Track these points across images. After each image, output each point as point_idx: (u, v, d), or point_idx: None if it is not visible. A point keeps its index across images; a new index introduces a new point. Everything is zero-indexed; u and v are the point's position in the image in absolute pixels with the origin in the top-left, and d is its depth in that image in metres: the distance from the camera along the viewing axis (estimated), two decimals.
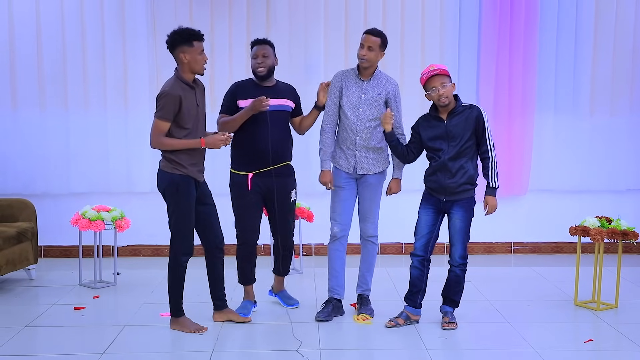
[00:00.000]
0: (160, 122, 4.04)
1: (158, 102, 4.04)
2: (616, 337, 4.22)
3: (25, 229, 5.37)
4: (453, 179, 4.22)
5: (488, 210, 4.31)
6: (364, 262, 4.65)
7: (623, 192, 6.50)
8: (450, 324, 4.32)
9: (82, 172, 6.23)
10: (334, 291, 4.58)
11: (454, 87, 4.26)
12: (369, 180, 4.51)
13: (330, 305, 4.55)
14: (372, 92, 4.43)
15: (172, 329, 4.29)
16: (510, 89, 6.30)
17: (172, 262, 4.24)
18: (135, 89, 6.19)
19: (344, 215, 4.51)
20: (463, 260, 4.33)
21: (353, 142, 4.44)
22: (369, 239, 4.59)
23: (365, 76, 4.45)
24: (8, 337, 4.17)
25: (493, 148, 4.26)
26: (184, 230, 4.18)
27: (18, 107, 6.15)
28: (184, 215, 4.15)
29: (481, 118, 4.23)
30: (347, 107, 4.44)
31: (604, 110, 6.39)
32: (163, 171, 4.14)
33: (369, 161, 4.47)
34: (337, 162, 4.54)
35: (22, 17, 6.08)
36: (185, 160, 4.10)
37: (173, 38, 4.06)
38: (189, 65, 4.07)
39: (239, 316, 4.44)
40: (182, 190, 4.10)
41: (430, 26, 6.23)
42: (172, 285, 4.27)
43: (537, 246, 6.58)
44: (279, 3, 6.15)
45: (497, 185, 4.29)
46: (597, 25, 6.29)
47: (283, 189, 4.49)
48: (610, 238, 4.61)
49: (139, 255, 6.43)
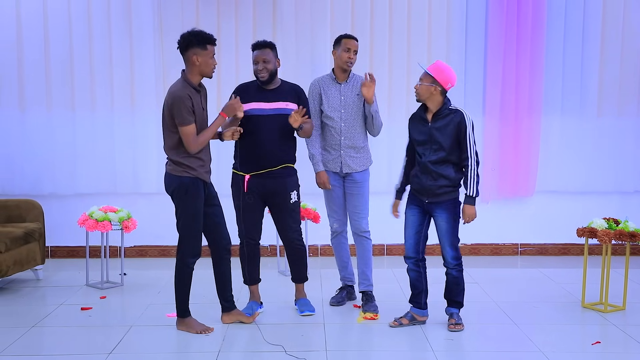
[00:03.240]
0: (188, 127, 4.03)
1: (175, 110, 4.01)
2: (624, 339, 4.21)
3: (33, 230, 5.39)
4: (434, 181, 4.19)
5: (465, 220, 4.23)
6: (360, 258, 4.74)
7: (631, 193, 6.47)
8: (457, 325, 4.30)
9: (89, 172, 6.25)
10: (347, 279, 4.90)
11: (434, 90, 4.13)
12: (355, 178, 4.71)
13: (344, 292, 4.89)
14: (351, 93, 4.67)
15: (179, 330, 4.29)
16: (517, 90, 6.28)
17: (179, 264, 4.25)
18: (142, 90, 6.20)
19: (339, 211, 4.78)
20: (456, 261, 4.29)
21: (338, 142, 4.66)
22: (362, 235, 4.73)
23: (342, 79, 4.69)
24: (15, 337, 4.18)
25: (475, 156, 4.16)
26: (193, 232, 4.18)
27: (25, 108, 6.17)
28: (192, 217, 4.15)
29: (463, 124, 4.14)
30: (329, 111, 4.66)
31: (611, 112, 6.36)
32: (171, 174, 4.14)
33: (353, 160, 4.68)
34: (324, 164, 4.72)
35: (29, 19, 6.10)
36: (194, 162, 4.11)
37: (187, 39, 4.06)
38: (200, 68, 4.07)
39: (248, 317, 4.44)
40: (191, 193, 4.11)
41: (437, 27, 6.22)
42: (179, 286, 4.28)
43: (544, 247, 6.56)
44: (285, 3, 6.15)
45: (475, 194, 4.18)
46: (604, 26, 6.27)
47: (281, 190, 4.47)
48: (617, 239, 4.59)
49: (145, 256, 6.44)
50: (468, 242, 6.52)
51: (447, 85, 4.16)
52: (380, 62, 6.19)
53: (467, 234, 6.44)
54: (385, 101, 6.18)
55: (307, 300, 4.71)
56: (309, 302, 4.68)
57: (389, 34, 6.21)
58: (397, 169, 4.37)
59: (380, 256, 6.43)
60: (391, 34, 6.21)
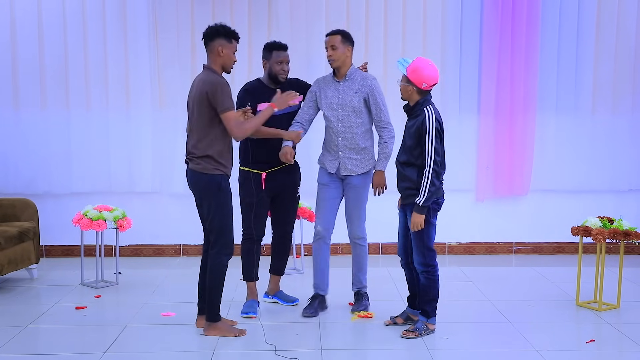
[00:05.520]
0: (232, 112, 4.00)
1: (218, 97, 3.94)
2: (618, 338, 4.22)
3: (27, 229, 5.38)
4: (401, 182, 4.15)
5: (411, 227, 4.06)
6: (355, 263, 4.70)
7: (625, 192, 6.49)
8: (409, 332, 4.15)
9: (84, 171, 6.23)
10: (320, 288, 4.66)
11: (411, 90, 4.03)
12: (352, 182, 4.54)
13: (316, 301, 4.62)
14: (348, 91, 4.48)
15: (208, 336, 4.14)
16: (512, 89, 6.29)
17: (215, 263, 4.12)
18: (137, 89, 6.19)
19: (327, 214, 4.58)
20: (423, 267, 4.11)
21: (336, 143, 4.52)
22: (357, 241, 4.63)
23: (340, 77, 4.52)
24: (10, 336, 4.18)
25: (432, 164, 3.95)
26: (230, 228, 4.13)
27: (20, 107, 6.16)
28: (228, 214, 4.12)
29: (424, 126, 3.96)
30: (327, 110, 4.53)
31: (606, 110, 6.38)
32: (201, 173, 4.05)
33: (352, 162, 4.51)
34: (322, 162, 4.64)
35: (23, 17, 6.08)
36: (228, 160, 4.12)
37: (215, 29, 4.07)
38: (223, 60, 4.08)
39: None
40: (224, 189, 4.08)
41: (432, 26, 6.22)
42: (213, 288, 4.13)
43: (539, 246, 6.58)
44: (280, 2, 6.15)
45: (422, 202, 3.96)
46: (598, 24, 6.28)
47: (292, 185, 4.64)
48: (612, 238, 4.61)
49: (140, 255, 6.43)
50: (463, 241, 6.54)
51: (422, 85, 4.01)
52: (375, 60, 6.18)
53: (462, 232, 6.50)
54: None
55: (284, 292, 4.85)
56: (287, 294, 4.84)
57: (384, 31, 6.21)
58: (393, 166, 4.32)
59: (376, 255, 6.43)
60: (386, 31, 6.21)
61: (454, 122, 6.20)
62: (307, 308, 4.59)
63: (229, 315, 4.48)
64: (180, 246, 6.41)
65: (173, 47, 6.16)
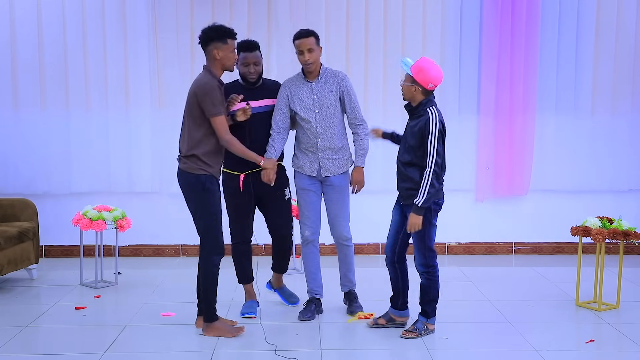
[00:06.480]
0: (221, 117, 4.01)
1: (207, 101, 3.97)
2: (617, 338, 4.22)
3: (27, 229, 5.38)
4: (402, 182, 4.12)
5: (408, 229, 4.04)
6: (343, 263, 4.64)
7: (624, 192, 6.49)
8: (408, 332, 4.17)
9: (84, 172, 6.23)
10: (314, 292, 4.63)
11: (415, 90, 3.99)
12: (333, 183, 4.49)
13: (313, 305, 4.58)
14: (324, 91, 4.40)
15: (207, 336, 4.15)
16: (512, 89, 6.29)
17: (205, 264, 4.13)
18: (137, 89, 6.19)
19: (312, 217, 4.53)
20: (424, 268, 4.12)
21: (315, 144, 4.43)
22: (344, 242, 4.58)
23: (312, 77, 4.42)
24: (9, 336, 4.18)
25: (433, 165, 3.93)
26: (215, 229, 4.12)
27: (19, 107, 6.15)
28: (215, 214, 4.11)
29: (427, 127, 3.94)
30: (302, 112, 4.41)
31: (606, 110, 6.37)
32: (187, 172, 4.08)
33: (332, 162, 4.46)
34: (299, 167, 4.53)
35: (23, 18, 6.08)
36: (215, 161, 4.11)
37: (208, 34, 4.06)
38: (222, 62, 4.08)
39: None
40: (208, 189, 4.07)
41: (432, 26, 6.22)
42: (207, 289, 4.14)
43: (539, 246, 6.58)
44: (280, 2, 6.15)
45: (421, 203, 3.94)
46: (598, 24, 6.28)
47: (276, 187, 4.46)
48: (611, 238, 4.61)
49: (140, 255, 6.43)
50: (462, 241, 6.54)
51: (428, 85, 3.97)
52: (375, 60, 6.19)
53: (462, 232, 6.50)
54: (380, 99, 6.21)
55: (288, 289, 4.85)
56: (292, 292, 4.83)
57: (384, 31, 6.20)
58: (391, 167, 4.30)
59: (376, 255, 6.43)
60: (386, 31, 6.21)
61: (453, 122, 6.18)
62: (303, 312, 4.54)
63: (228, 316, 4.48)
64: (179, 246, 6.42)
65: (172, 47, 6.16)
